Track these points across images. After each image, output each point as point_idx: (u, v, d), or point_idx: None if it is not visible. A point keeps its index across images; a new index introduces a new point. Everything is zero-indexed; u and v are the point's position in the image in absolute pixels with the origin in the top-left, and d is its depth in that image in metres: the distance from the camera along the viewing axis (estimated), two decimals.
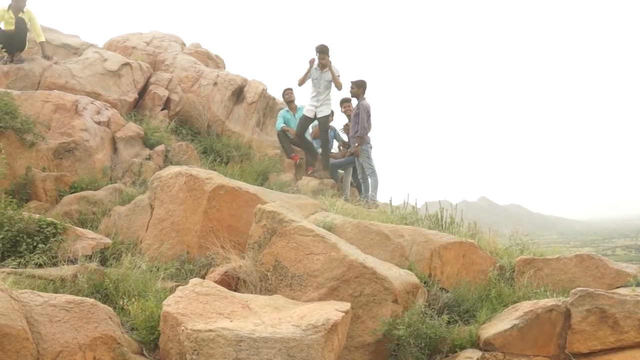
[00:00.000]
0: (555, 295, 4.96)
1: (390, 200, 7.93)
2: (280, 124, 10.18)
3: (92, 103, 7.99)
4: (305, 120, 9.77)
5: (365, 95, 9.14)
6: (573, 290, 4.52)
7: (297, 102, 10.46)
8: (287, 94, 10.40)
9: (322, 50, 9.44)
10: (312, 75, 9.59)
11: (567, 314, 4.42)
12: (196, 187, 5.77)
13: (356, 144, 8.97)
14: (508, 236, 6.67)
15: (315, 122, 10.25)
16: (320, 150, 10.09)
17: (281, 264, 4.77)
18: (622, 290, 4.76)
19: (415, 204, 7.66)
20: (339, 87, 9.58)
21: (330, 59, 9.48)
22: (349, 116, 9.81)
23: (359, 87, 9.17)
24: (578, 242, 42.81)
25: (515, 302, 5.03)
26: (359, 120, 8.96)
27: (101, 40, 25.02)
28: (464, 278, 5.38)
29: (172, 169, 6.24)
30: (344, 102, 9.96)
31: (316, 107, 9.62)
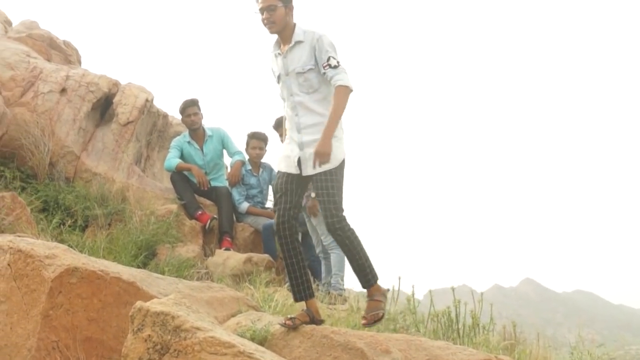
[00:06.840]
0: None
1: None
2: (173, 158, 10.10)
3: None
4: None
5: None
6: None
7: (207, 123, 10.46)
8: (190, 113, 10.20)
9: None
10: None
11: None
12: (29, 273, 5.67)
13: (313, 195, 8.74)
14: (571, 345, 6.72)
15: (234, 159, 10.32)
16: (244, 205, 10.12)
17: None
18: None
19: (413, 294, 7.69)
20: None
21: None
22: None
23: None
24: None
25: None
26: None
27: None
28: None
29: None
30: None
31: None
